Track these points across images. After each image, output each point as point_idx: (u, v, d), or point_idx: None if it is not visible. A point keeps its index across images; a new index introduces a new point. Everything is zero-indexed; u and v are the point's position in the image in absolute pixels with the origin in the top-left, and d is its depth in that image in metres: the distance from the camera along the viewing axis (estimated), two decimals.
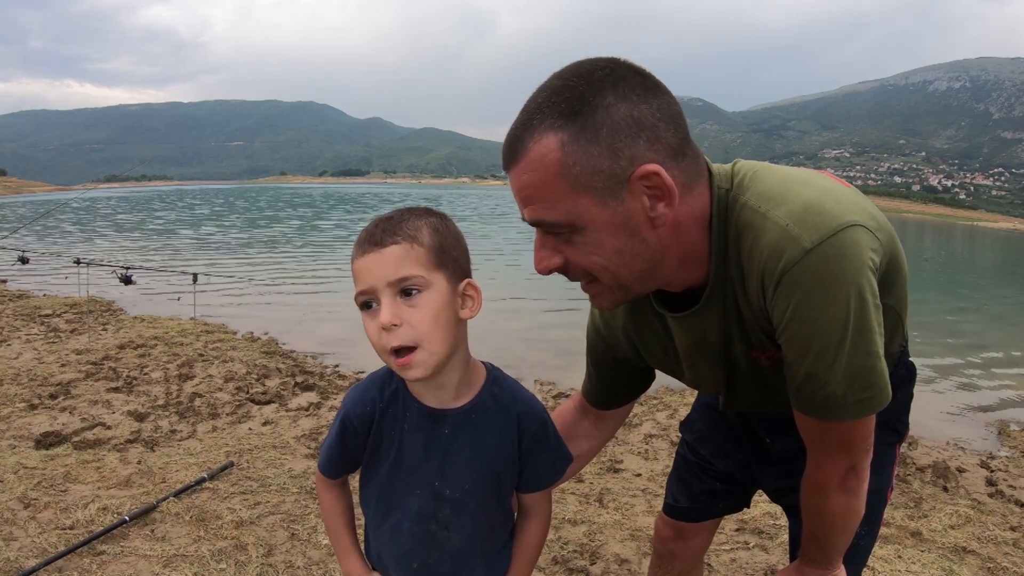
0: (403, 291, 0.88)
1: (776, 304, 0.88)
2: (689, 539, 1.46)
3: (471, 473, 0.97)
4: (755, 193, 0.91)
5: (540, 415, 1.02)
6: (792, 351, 0.89)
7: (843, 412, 0.90)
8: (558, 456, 1.05)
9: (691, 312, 1.00)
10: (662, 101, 0.86)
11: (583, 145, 0.82)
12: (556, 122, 0.83)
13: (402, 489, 0.99)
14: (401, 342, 0.87)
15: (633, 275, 0.92)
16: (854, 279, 0.83)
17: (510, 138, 0.88)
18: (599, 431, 1.32)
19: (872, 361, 0.87)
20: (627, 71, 0.85)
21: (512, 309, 7.82)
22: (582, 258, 0.91)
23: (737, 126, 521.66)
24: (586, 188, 0.84)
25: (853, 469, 0.97)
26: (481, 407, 0.98)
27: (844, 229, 0.83)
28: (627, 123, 0.83)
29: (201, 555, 2.26)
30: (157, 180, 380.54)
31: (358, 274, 0.89)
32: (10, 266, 9.21)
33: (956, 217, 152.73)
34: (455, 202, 51.88)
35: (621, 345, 1.17)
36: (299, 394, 4.38)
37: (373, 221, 0.92)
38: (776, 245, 0.85)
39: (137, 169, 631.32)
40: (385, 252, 0.88)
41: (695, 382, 1.16)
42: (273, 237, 18.53)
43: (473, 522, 1.00)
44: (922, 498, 3.16)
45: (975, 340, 8.02)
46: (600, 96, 0.82)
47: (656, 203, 0.86)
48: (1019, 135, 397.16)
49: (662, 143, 0.85)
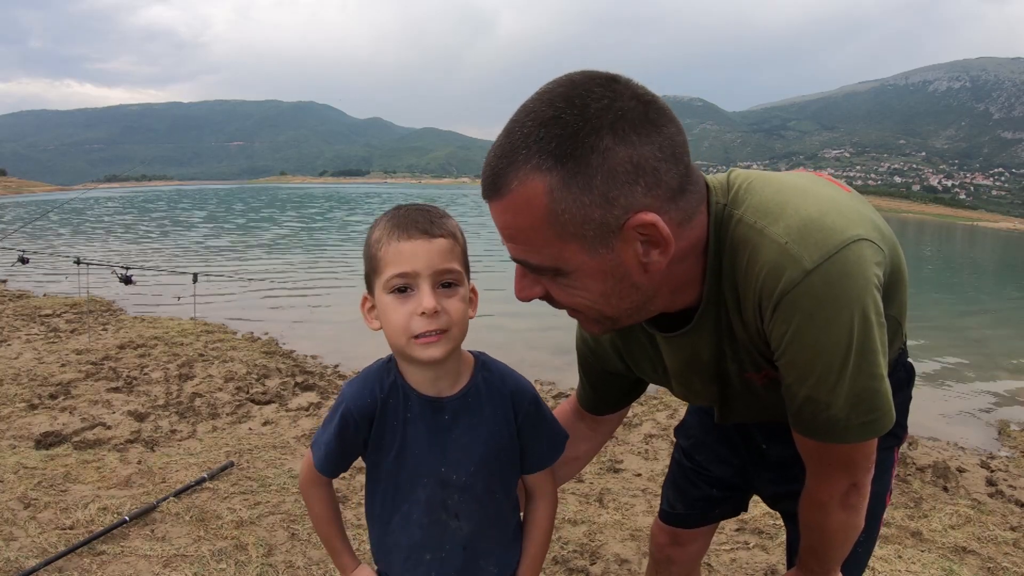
0: (443, 283, 0.92)
1: (775, 326, 0.83)
2: (686, 545, 1.45)
3: (473, 456, 0.99)
4: (750, 207, 0.85)
5: (531, 393, 1.05)
6: (792, 374, 0.85)
7: (845, 435, 0.86)
8: (554, 432, 1.08)
9: (681, 332, 0.96)
10: (665, 136, 0.77)
11: (574, 193, 0.75)
12: (544, 162, 0.74)
13: (409, 480, 1.00)
14: (438, 327, 0.91)
15: (620, 313, 0.88)
16: (858, 299, 0.78)
17: (491, 167, 0.79)
18: (596, 433, 1.31)
19: (876, 383, 0.83)
20: (629, 102, 0.76)
21: (512, 309, 7.82)
22: (567, 298, 0.87)
23: (737, 126, 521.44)
24: (574, 236, 0.78)
25: (855, 487, 0.94)
26: (475, 391, 1.01)
27: (847, 246, 0.78)
28: (625, 169, 0.75)
29: (201, 555, 2.26)
30: (157, 180, 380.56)
31: (399, 257, 0.90)
32: (10, 266, 9.21)
33: (956, 217, 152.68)
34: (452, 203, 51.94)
35: (611, 359, 1.16)
36: (299, 394, 4.38)
37: (409, 208, 0.94)
38: (774, 265, 0.80)
39: (137, 169, 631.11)
40: (436, 242, 0.91)
41: (687, 397, 1.14)
42: (273, 237, 18.53)
43: (481, 508, 1.02)
44: (922, 498, 3.16)
45: (975, 340, 8.02)
46: (596, 137, 0.73)
47: (650, 250, 0.80)
48: (1019, 135, 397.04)
49: (662, 187, 0.78)
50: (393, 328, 0.92)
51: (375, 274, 0.93)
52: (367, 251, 0.95)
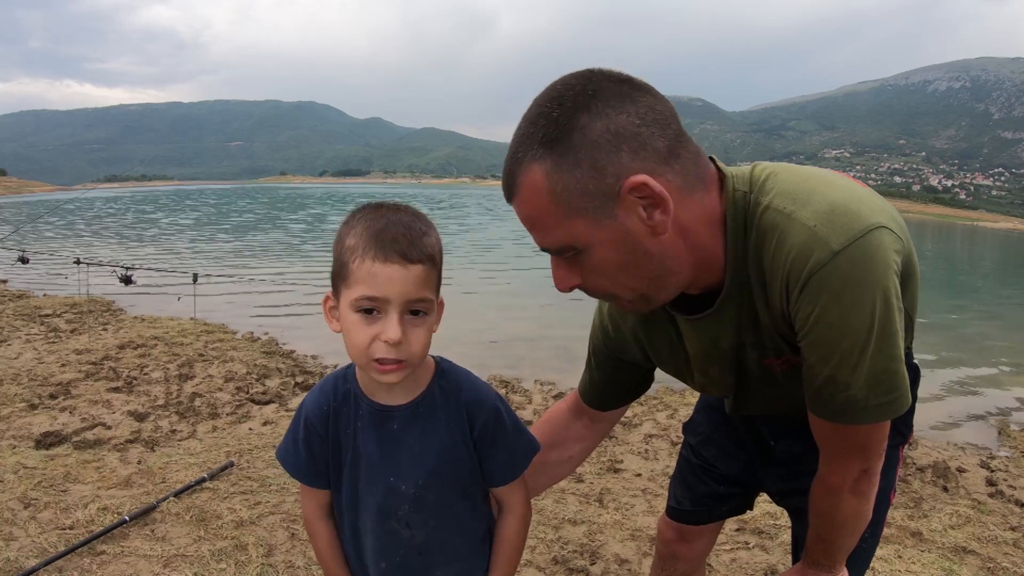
0: (412, 310, 0.89)
1: (800, 307, 0.86)
2: (693, 541, 1.46)
3: (423, 467, 0.97)
4: (778, 193, 0.89)
5: (491, 403, 1.00)
6: (815, 354, 0.88)
7: (863, 416, 0.89)
8: (520, 444, 1.03)
9: (704, 315, 0.99)
10: (642, 105, 0.84)
11: (566, 170, 0.82)
12: (537, 152, 0.83)
13: (365, 489, 0.99)
14: (398, 357, 0.88)
15: (645, 285, 0.91)
16: (880, 282, 0.82)
17: (505, 173, 0.89)
18: (592, 432, 1.32)
19: (895, 365, 0.86)
20: (600, 83, 0.84)
21: (514, 309, 7.83)
22: (592, 277, 0.92)
23: (737, 126, 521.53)
24: (579, 211, 0.84)
25: (866, 473, 0.97)
26: (428, 401, 0.98)
27: (872, 231, 0.82)
28: (605, 139, 0.81)
29: (201, 555, 2.26)
30: (157, 180, 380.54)
31: (371, 280, 0.86)
32: (10, 266, 9.21)
33: (956, 217, 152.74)
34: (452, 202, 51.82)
35: (629, 347, 1.17)
36: (299, 394, 4.38)
37: (390, 218, 0.89)
38: (803, 246, 0.83)
39: (137, 169, 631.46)
40: (412, 269, 0.87)
41: (704, 386, 1.15)
42: (274, 238, 18.53)
43: (435, 518, 1.00)
44: (922, 498, 3.16)
45: (976, 340, 8.02)
46: (574, 118, 0.82)
47: (652, 211, 0.85)
48: (1019, 135, 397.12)
49: (648, 150, 0.83)
50: (355, 346, 0.89)
51: (343, 283, 0.89)
52: (337, 252, 0.90)
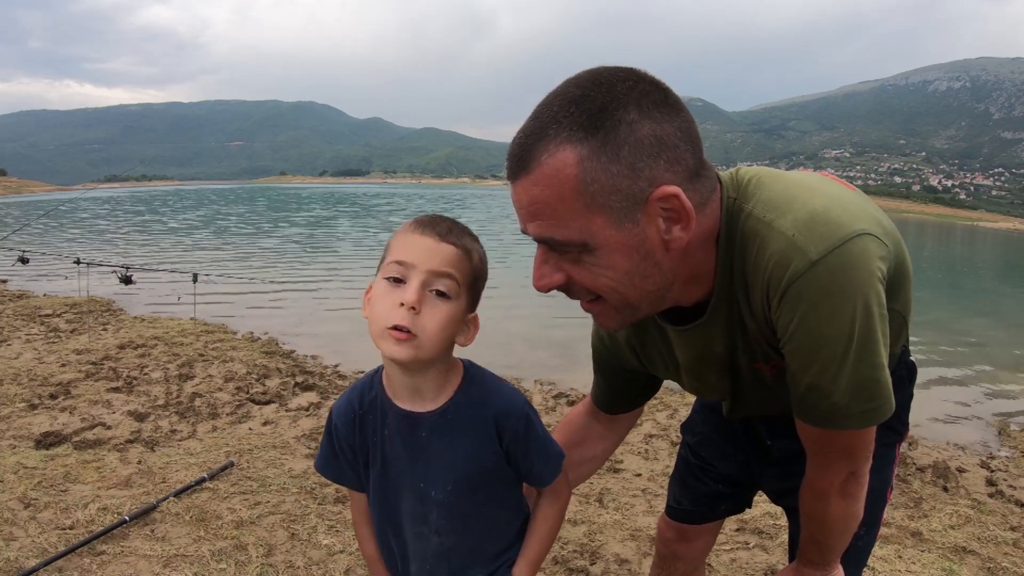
0: (437, 290, 0.90)
1: (780, 315, 0.86)
2: (692, 540, 1.47)
3: (451, 475, 0.98)
4: (759, 201, 0.88)
5: (520, 412, 1.00)
6: (796, 362, 0.88)
7: (846, 422, 0.89)
8: (547, 453, 1.04)
9: (695, 325, 0.98)
10: (682, 120, 0.82)
11: (603, 162, 0.78)
12: (575, 134, 0.78)
13: (394, 493, 1.01)
14: (409, 325, 0.89)
15: (642, 297, 0.89)
16: (861, 291, 0.81)
17: (519, 146, 0.82)
18: (612, 432, 1.33)
19: (876, 373, 0.86)
20: (650, 86, 0.81)
21: (514, 309, 7.82)
22: (590, 279, 0.87)
23: (737, 126, 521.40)
24: (602, 208, 0.80)
25: (853, 475, 0.97)
26: (455, 409, 0.98)
27: (852, 239, 0.81)
28: (650, 142, 0.79)
29: (201, 555, 2.26)
30: (157, 180, 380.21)
31: (404, 246, 0.91)
32: (10, 266, 9.21)
33: (956, 217, 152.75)
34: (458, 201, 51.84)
35: (626, 356, 1.17)
36: (299, 394, 4.38)
37: (439, 215, 0.96)
38: (782, 255, 0.83)
39: (137, 169, 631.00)
40: (443, 245, 0.91)
41: (699, 391, 1.15)
42: (274, 238, 18.52)
43: (465, 525, 1.00)
44: (922, 498, 3.16)
45: (975, 339, 8.02)
46: (624, 111, 0.78)
47: (672, 226, 0.83)
48: (1019, 135, 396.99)
49: (681, 164, 0.82)
50: (376, 314, 0.91)
51: (381, 263, 0.94)
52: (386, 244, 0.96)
